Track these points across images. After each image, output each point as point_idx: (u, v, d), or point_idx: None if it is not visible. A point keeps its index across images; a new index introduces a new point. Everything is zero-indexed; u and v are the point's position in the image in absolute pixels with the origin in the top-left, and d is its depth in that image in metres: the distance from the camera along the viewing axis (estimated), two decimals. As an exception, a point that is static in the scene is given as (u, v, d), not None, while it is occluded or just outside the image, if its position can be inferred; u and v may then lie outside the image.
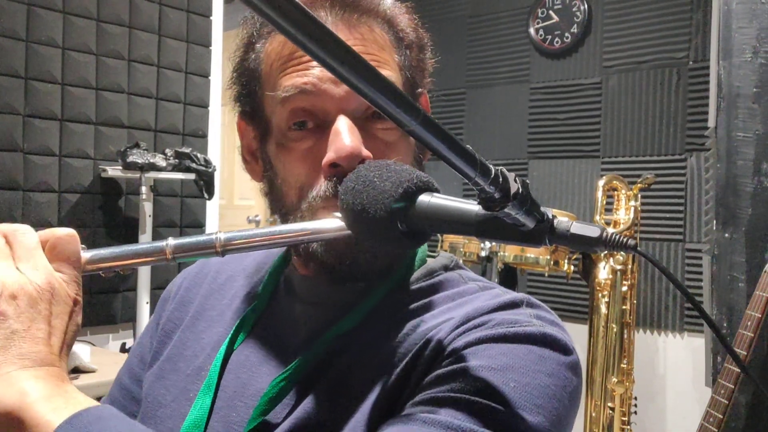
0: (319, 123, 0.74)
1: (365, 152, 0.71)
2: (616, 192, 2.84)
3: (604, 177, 2.86)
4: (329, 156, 0.71)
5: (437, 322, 0.73)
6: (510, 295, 0.75)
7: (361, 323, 0.75)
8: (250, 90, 0.80)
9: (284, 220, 0.78)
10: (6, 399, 0.54)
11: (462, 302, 0.75)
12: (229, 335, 0.81)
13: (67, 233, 0.62)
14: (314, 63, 0.73)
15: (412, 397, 0.66)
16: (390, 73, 0.77)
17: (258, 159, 0.83)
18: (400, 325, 0.74)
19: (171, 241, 0.65)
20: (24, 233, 0.61)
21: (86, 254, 0.63)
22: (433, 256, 0.84)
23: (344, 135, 0.71)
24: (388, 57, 0.78)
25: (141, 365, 0.90)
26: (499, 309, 0.72)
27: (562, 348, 0.69)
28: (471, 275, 0.81)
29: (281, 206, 0.79)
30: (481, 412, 0.62)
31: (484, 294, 0.76)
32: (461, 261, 2.95)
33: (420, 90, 0.83)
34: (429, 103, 0.87)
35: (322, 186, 0.73)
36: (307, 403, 0.71)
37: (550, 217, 0.57)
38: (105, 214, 2.79)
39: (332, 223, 0.66)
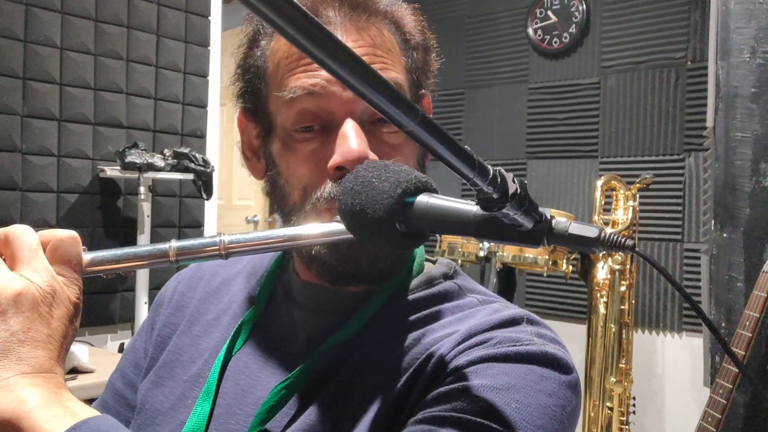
0: (325, 125, 0.74)
1: (371, 155, 0.71)
2: (614, 192, 2.84)
3: (602, 177, 2.86)
4: (336, 159, 0.71)
5: (438, 336, 0.73)
6: (510, 310, 0.75)
7: (362, 332, 0.75)
8: (254, 87, 0.80)
9: (286, 220, 0.78)
10: (4, 407, 0.54)
11: (462, 316, 0.75)
12: (228, 341, 0.81)
13: (68, 235, 0.61)
14: None
15: (412, 412, 0.66)
16: (397, 76, 0.76)
17: (260, 157, 0.82)
18: (401, 336, 0.74)
19: (174, 243, 0.64)
20: (24, 234, 0.60)
21: (87, 256, 0.63)
22: (432, 261, 0.84)
23: (351, 138, 0.71)
24: (396, 60, 0.77)
25: (135, 370, 0.89)
26: (500, 326, 0.71)
27: (563, 367, 0.69)
28: (470, 286, 0.81)
29: (284, 206, 0.78)
30: None
31: (484, 308, 0.76)
32: (459, 261, 2.95)
33: (423, 91, 0.83)
34: (431, 104, 0.86)
35: (326, 187, 0.73)
36: (308, 414, 0.71)
37: (549, 217, 0.57)
38: (103, 214, 2.79)
39: (336, 226, 0.66)
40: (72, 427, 0.54)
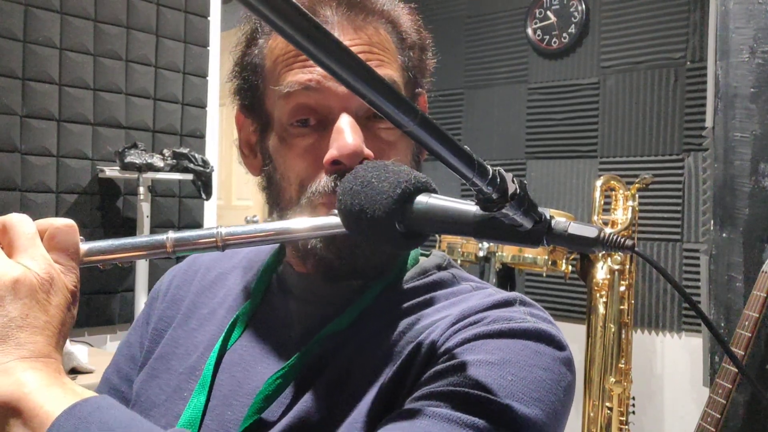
0: (321, 120, 0.75)
1: (367, 151, 0.72)
2: (613, 192, 2.84)
3: (601, 177, 2.86)
4: (331, 153, 0.72)
5: (432, 320, 0.74)
6: (503, 294, 0.76)
7: (357, 321, 0.76)
8: (252, 84, 0.81)
9: (282, 215, 0.79)
10: (3, 389, 0.54)
11: (456, 301, 0.76)
12: (223, 334, 0.81)
13: (65, 224, 0.62)
14: None
15: (410, 394, 0.67)
16: (392, 73, 0.77)
17: (257, 153, 0.83)
18: (396, 323, 0.75)
19: (172, 235, 0.64)
20: (22, 222, 0.61)
21: (85, 246, 0.63)
22: (427, 255, 0.85)
23: (347, 133, 0.72)
24: (392, 59, 0.78)
25: (131, 364, 0.89)
26: (493, 307, 0.73)
27: (557, 344, 0.70)
28: (464, 275, 0.82)
29: (279, 201, 0.79)
30: (480, 404, 0.62)
31: (477, 293, 0.77)
32: (459, 261, 2.95)
33: (419, 90, 0.84)
34: (427, 103, 0.87)
35: (322, 181, 0.74)
36: (304, 402, 0.71)
37: (548, 217, 0.57)
38: (103, 214, 2.79)
39: (332, 220, 0.67)
40: (71, 406, 0.54)
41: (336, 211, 0.65)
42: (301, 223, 0.68)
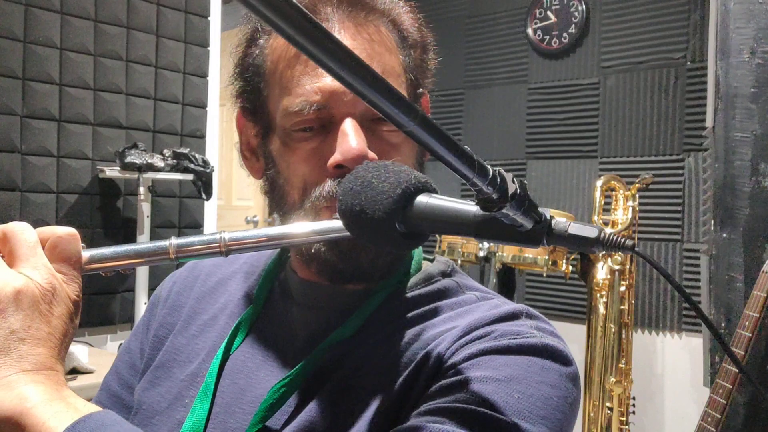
0: (325, 124, 0.74)
1: (371, 154, 0.72)
2: (614, 192, 2.84)
3: (602, 177, 2.86)
4: (336, 157, 0.72)
5: (439, 331, 0.73)
6: (509, 305, 0.75)
7: (361, 330, 0.75)
8: (253, 86, 0.80)
9: (284, 219, 0.78)
10: (5, 404, 0.53)
11: (462, 312, 0.76)
12: (225, 340, 0.81)
13: (67, 232, 0.61)
14: None
15: (415, 407, 0.66)
16: (394, 74, 0.77)
17: (258, 156, 0.82)
18: (401, 332, 0.74)
19: (174, 241, 0.64)
20: (23, 231, 0.60)
21: (87, 253, 0.62)
22: (430, 260, 0.84)
23: (351, 137, 0.71)
24: (394, 58, 0.78)
25: (131, 371, 0.89)
26: (500, 320, 0.72)
27: (563, 359, 0.70)
28: (469, 283, 0.82)
29: (282, 205, 0.78)
30: (487, 422, 0.62)
31: (483, 304, 0.77)
32: (459, 261, 2.94)
33: (421, 90, 0.83)
34: (429, 104, 0.87)
35: (326, 186, 0.74)
36: (308, 411, 0.71)
37: (548, 217, 0.57)
38: (103, 214, 2.79)
39: (336, 224, 0.66)
40: (75, 422, 0.53)
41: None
42: (304, 227, 0.68)
